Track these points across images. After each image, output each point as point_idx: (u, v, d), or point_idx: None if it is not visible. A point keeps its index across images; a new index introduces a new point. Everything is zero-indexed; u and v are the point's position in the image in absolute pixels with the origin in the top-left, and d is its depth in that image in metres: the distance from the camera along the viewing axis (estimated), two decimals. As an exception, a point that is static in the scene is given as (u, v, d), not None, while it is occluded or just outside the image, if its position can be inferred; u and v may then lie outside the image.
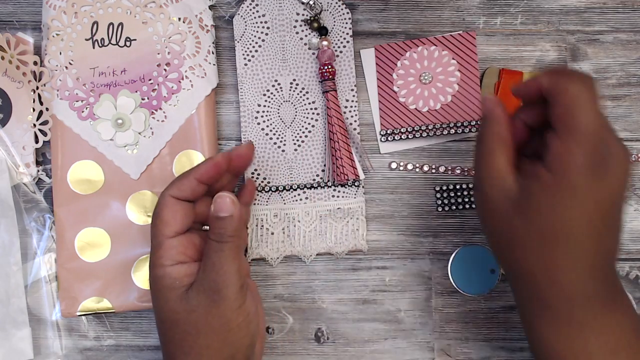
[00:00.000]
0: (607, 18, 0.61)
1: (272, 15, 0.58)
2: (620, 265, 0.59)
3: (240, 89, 0.58)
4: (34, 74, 0.57)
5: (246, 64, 0.58)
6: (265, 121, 0.58)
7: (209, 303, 0.46)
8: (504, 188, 0.43)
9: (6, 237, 0.57)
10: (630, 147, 0.60)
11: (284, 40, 0.58)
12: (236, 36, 0.58)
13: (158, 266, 0.48)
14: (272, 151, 0.58)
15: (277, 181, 0.58)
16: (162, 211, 0.48)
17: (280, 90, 0.58)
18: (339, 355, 0.59)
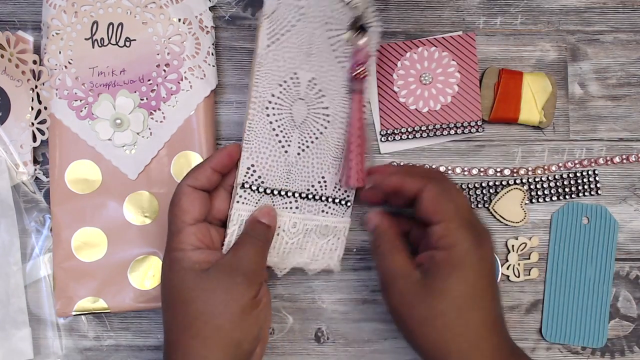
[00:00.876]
0: (607, 18, 0.61)
1: (309, 2, 0.53)
2: (620, 266, 0.59)
3: (257, 71, 0.52)
4: (33, 72, 0.57)
5: (269, 46, 0.52)
6: (275, 114, 0.53)
7: (229, 285, 0.48)
8: (410, 278, 0.49)
9: (6, 237, 0.57)
10: (630, 147, 0.60)
11: (313, 34, 0.53)
12: (265, 11, 0.52)
13: (177, 250, 0.49)
14: (274, 149, 0.53)
15: (272, 183, 0.53)
16: (181, 200, 0.50)
17: (298, 85, 0.54)
18: (339, 355, 0.59)
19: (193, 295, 0.47)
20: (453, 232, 0.48)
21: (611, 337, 0.59)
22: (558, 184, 0.60)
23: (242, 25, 0.60)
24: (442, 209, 0.49)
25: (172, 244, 0.49)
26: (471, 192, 0.59)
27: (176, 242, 0.49)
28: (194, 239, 0.49)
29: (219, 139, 0.60)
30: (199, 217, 0.50)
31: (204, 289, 0.47)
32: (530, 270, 0.59)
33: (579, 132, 0.60)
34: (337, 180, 0.56)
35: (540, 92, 0.59)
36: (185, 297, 0.48)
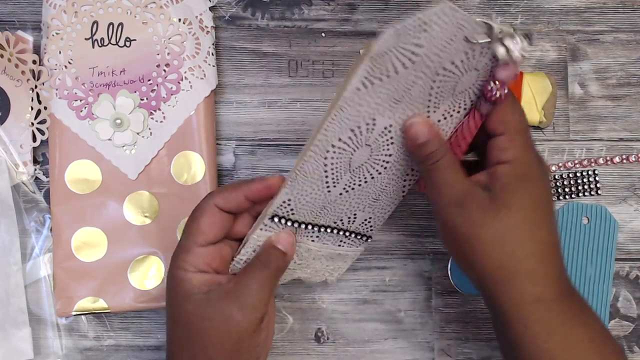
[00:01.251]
0: (607, 18, 0.61)
1: (429, 50, 0.42)
2: (620, 266, 0.59)
3: (335, 114, 0.43)
4: (32, 72, 0.57)
5: (359, 89, 0.42)
6: (333, 158, 0.46)
7: (227, 317, 0.45)
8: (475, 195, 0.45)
9: (6, 237, 0.57)
10: (630, 147, 0.60)
11: (415, 83, 0.43)
12: (373, 52, 0.40)
13: (180, 268, 0.47)
14: (318, 189, 0.47)
15: (302, 217, 0.49)
16: (201, 217, 0.47)
17: (371, 131, 0.45)
18: (339, 355, 0.59)
19: (191, 320, 0.46)
20: (519, 144, 0.45)
21: (611, 337, 0.59)
22: (558, 184, 0.60)
23: (242, 25, 0.60)
24: (508, 120, 0.45)
25: (177, 259, 0.47)
26: (471, 192, 0.59)
27: (181, 259, 0.47)
28: (201, 262, 0.47)
29: (219, 139, 0.60)
30: (213, 240, 0.47)
31: (202, 316, 0.46)
32: (530, 270, 0.59)
33: (579, 132, 0.60)
34: (367, 217, 0.52)
35: (540, 92, 0.59)
36: (184, 320, 0.46)
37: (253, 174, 0.60)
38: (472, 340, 0.59)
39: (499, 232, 0.44)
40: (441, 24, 0.41)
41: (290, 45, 0.60)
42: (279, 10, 0.60)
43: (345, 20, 0.60)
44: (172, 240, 0.57)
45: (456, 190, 0.45)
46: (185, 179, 0.57)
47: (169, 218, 0.57)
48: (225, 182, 0.60)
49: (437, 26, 0.41)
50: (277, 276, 0.48)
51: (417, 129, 0.45)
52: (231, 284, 0.46)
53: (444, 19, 0.41)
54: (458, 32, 0.42)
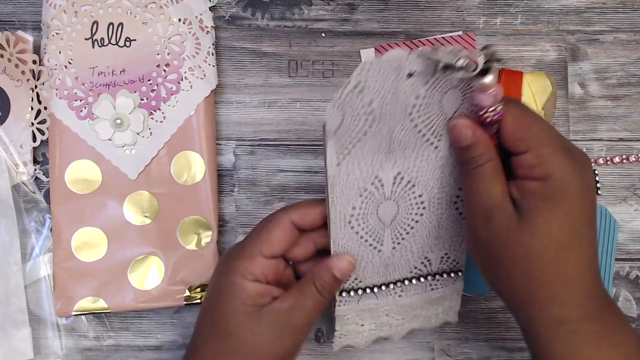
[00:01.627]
0: (607, 18, 0.61)
1: (382, 101, 0.42)
2: (620, 266, 0.59)
3: (331, 192, 0.45)
4: (32, 72, 0.57)
5: (339, 164, 0.44)
6: (360, 224, 0.47)
7: (277, 337, 0.45)
8: (505, 211, 0.42)
9: (6, 237, 0.57)
10: (630, 147, 0.60)
11: (393, 130, 0.44)
12: (329, 131, 0.42)
13: (238, 274, 0.46)
14: (366, 253, 0.49)
15: (371, 281, 0.50)
16: (275, 230, 0.47)
17: (381, 187, 0.47)
18: (339, 355, 0.59)
19: (237, 331, 0.46)
20: (547, 159, 0.41)
21: (611, 337, 0.59)
22: (558, 184, 0.59)
23: (242, 25, 0.60)
24: (529, 134, 0.42)
25: (237, 265, 0.47)
26: (471, 192, 0.59)
27: (241, 265, 0.46)
28: (259, 272, 0.46)
29: (219, 139, 0.60)
30: (277, 255, 0.47)
31: (251, 329, 0.45)
32: (530, 270, 0.59)
33: (579, 132, 0.60)
34: (442, 255, 0.51)
35: (540, 92, 0.59)
36: (230, 329, 0.46)
37: (253, 174, 0.60)
38: (472, 340, 0.59)
39: (519, 255, 0.42)
40: (375, 75, 0.41)
41: (290, 45, 0.60)
42: (279, 10, 0.60)
43: (345, 20, 0.60)
44: (172, 240, 0.57)
45: (487, 202, 0.42)
46: (185, 179, 0.57)
47: (169, 218, 0.57)
48: (226, 182, 0.60)
49: (372, 79, 0.41)
50: (328, 301, 0.48)
51: (459, 131, 0.43)
52: (285, 305, 0.46)
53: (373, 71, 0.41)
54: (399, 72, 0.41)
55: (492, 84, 0.41)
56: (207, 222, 0.57)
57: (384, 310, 0.52)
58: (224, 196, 0.60)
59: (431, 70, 0.42)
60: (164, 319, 0.59)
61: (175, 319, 0.59)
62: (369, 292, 0.51)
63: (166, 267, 0.57)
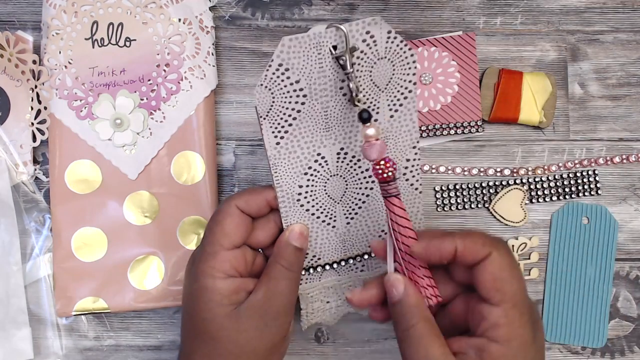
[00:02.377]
0: (607, 18, 0.61)
1: (310, 79, 0.43)
2: (620, 266, 0.59)
3: (274, 172, 0.46)
4: (32, 72, 0.57)
5: (278, 143, 0.45)
6: (309, 202, 0.48)
7: (262, 327, 0.45)
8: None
9: (6, 237, 0.57)
10: (630, 147, 0.60)
11: (327, 107, 0.44)
12: (260, 112, 0.44)
13: (208, 276, 0.46)
14: (320, 229, 0.49)
15: (330, 257, 0.51)
16: (225, 220, 0.46)
17: (326, 164, 0.47)
18: (339, 355, 0.59)
19: (221, 334, 0.45)
20: (514, 321, 0.40)
21: (611, 337, 0.59)
22: (558, 184, 0.60)
23: (242, 25, 0.60)
24: (506, 288, 0.40)
25: (204, 267, 0.46)
26: (471, 192, 0.59)
27: (208, 266, 0.46)
28: (228, 266, 0.46)
29: (219, 139, 0.60)
30: (237, 243, 0.47)
31: (234, 329, 0.45)
32: (530, 270, 0.59)
33: (579, 132, 0.60)
34: None
35: (540, 92, 0.59)
36: (213, 333, 0.46)
37: (253, 174, 0.60)
38: (472, 340, 0.59)
39: None
40: (297, 54, 0.42)
41: (290, 45, 0.60)
42: (279, 10, 0.60)
43: (345, 20, 0.60)
44: (172, 240, 0.57)
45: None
46: (185, 179, 0.57)
47: (169, 218, 0.57)
48: (226, 182, 0.60)
49: (293, 58, 0.42)
50: (299, 277, 0.48)
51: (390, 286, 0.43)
52: (260, 294, 0.46)
53: (294, 49, 0.41)
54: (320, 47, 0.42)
55: (374, 135, 0.42)
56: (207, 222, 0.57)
57: (347, 286, 0.52)
58: (224, 196, 0.60)
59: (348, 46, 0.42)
60: (164, 319, 0.59)
61: (175, 319, 0.59)
62: (329, 268, 0.51)
63: (166, 267, 0.57)
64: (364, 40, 0.42)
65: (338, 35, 0.42)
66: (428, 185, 0.60)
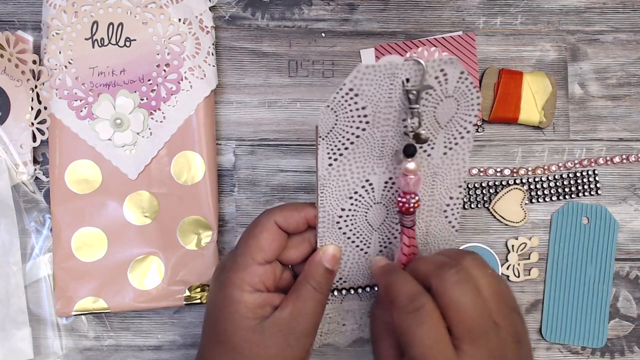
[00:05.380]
0: (607, 18, 0.61)
1: (376, 107, 0.43)
2: (620, 266, 0.59)
3: (321, 192, 0.46)
4: (32, 72, 0.57)
5: (331, 165, 0.45)
6: (348, 225, 0.48)
7: (285, 345, 0.45)
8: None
9: (6, 237, 0.57)
10: (630, 147, 0.60)
11: (385, 136, 0.45)
12: (321, 132, 0.44)
13: (236, 287, 0.45)
14: (352, 253, 0.49)
15: (356, 282, 0.51)
16: (262, 234, 0.46)
17: (372, 191, 0.47)
18: (339, 355, 0.59)
19: (243, 346, 0.45)
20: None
21: (611, 337, 0.59)
22: (558, 184, 0.60)
23: (242, 25, 0.60)
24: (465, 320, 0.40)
25: (233, 277, 0.46)
26: (471, 192, 0.59)
27: (238, 278, 0.45)
28: (257, 281, 0.46)
29: (219, 139, 0.60)
30: (270, 259, 0.46)
31: (256, 343, 0.45)
32: (530, 270, 0.59)
33: (579, 132, 0.60)
34: None
35: (540, 92, 0.59)
36: (235, 344, 0.45)
37: (253, 174, 0.60)
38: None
39: None
40: (370, 80, 0.42)
41: (290, 45, 0.60)
42: (279, 10, 0.60)
43: (345, 20, 0.60)
44: (172, 240, 0.57)
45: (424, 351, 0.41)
46: (185, 179, 0.57)
47: (169, 218, 0.57)
48: (226, 182, 0.60)
49: (365, 85, 0.42)
50: (326, 298, 0.47)
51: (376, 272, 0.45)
52: (286, 313, 0.45)
53: (368, 76, 0.42)
54: (394, 78, 0.42)
55: (413, 171, 0.44)
56: (207, 222, 0.57)
57: (366, 312, 0.52)
58: (224, 196, 0.60)
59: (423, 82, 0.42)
60: (164, 319, 0.59)
61: (175, 319, 0.59)
62: (353, 292, 0.51)
63: (166, 267, 0.57)
64: (436, 77, 0.42)
65: (414, 69, 0.42)
66: (428, 185, 0.60)
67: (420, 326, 0.40)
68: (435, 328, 0.40)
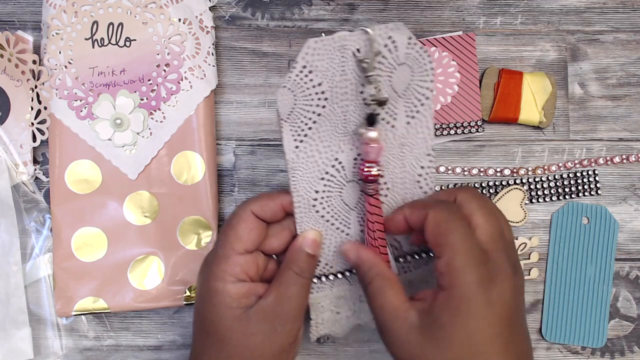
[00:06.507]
0: (607, 18, 0.61)
1: (332, 82, 0.43)
2: (620, 266, 0.59)
3: (292, 176, 0.46)
4: (32, 72, 0.57)
5: (297, 147, 0.45)
6: (325, 208, 0.48)
7: (272, 331, 0.45)
8: (406, 321, 0.43)
9: (6, 237, 0.57)
10: (630, 147, 0.60)
11: (346, 111, 0.45)
12: (282, 114, 0.44)
13: (218, 279, 0.46)
14: (334, 236, 0.49)
15: (342, 265, 0.50)
16: (239, 224, 0.47)
17: (342, 170, 0.47)
18: (339, 355, 0.59)
19: (230, 336, 0.45)
20: (455, 268, 0.41)
21: (611, 337, 0.59)
22: (558, 184, 0.60)
23: (242, 25, 0.60)
24: (447, 241, 0.42)
25: (215, 269, 0.46)
26: (471, 192, 0.59)
27: (220, 269, 0.46)
28: (239, 270, 0.46)
29: (219, 139, 0.60)
30: (250, 248, 0.47)
31: (242, 332, 0.45)
32: (530, 270, 0.59)
33: (579, 132, 0.60)
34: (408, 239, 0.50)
35: (540, 92, 0.59)
36: (222, 335, 0.46)
37: (253, 174, 0.60)
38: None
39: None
40: (321, 56, 0.42)
41: (290, 45, 0.61)
42: (279, 10, 0.60)
43: (345, 20, 0.60)
44: (172, 240, 0.57)
45: (384, 317, 0.44)
46: (185, 179, 0.57)
47: (169, 218, 0.57)
48: (226, 182, 0.60)
49: (317, 60, 0.42)
50: (310, 283, 0.48)
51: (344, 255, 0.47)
52: (270, 299, 0.46)
53: (319, 51, 0.42)
54: (344, 50, 0.42)
55: (375, 139, 0.44)
56: (207, 222, 0.57)
57: (358, 296, 0.52)
58: (224, 196, 0.60)
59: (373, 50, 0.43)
60: (164, 319, 0.59)
61: (175, 319, 0.59)
62: (341, 277, 0.50)
63: (166, 267, 0.57)
64: (385, 45, 0.43)
65: (362, 39, 0.42)
66: (428, 185, 0.60)
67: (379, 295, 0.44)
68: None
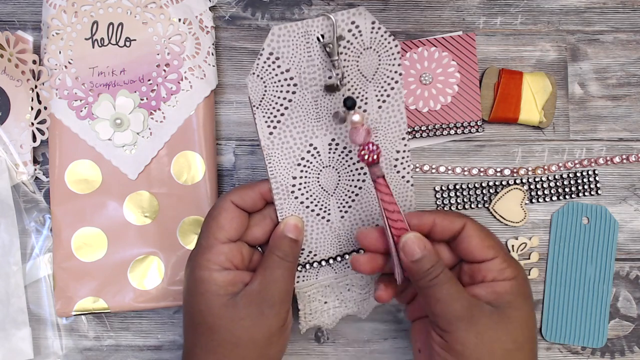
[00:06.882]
0: (607, 18, 0.61)
1: (299, 68, 0.44)
2: (620, 266, 0.59)
3: (268, 163, 0.47)
4: (32, 72, 0.57)
5: (271, 133, 0.46)
6: (304, 194, 0.49)
7: (259, 315, 0.46)
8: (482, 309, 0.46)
9: (6, 237, 0.57)
10: (630, 147, 0.60)
11: (316, 96, 0.46)
12: (253, 101, 0.45)
13: (204, 268, 0.47)
14: (315, 223, 0.50)
15: (325, 253, 0.51)
16: (220, 215, 0.48)
17: (318, 155, 0.48)
18: (339, 355, 0.59)
19: (218, 323, 0.46)
20: (512, 262, 0.47)
21: (611, 337, 0.59)
22: (558, 184, 0.60)
23: (242, 25, 0.60)
24: (492, 244, 0.47)
25: (200, 260, 0.47)
26: (471, 192, 0.59)
27: (204, 258, 0.47)
28: (223, 259, 0.47)
29: (219, 139, 0.60)
30: (233, 237, 0.48)
31: (231, 318, 0.46)
32: (530, 270, 0.59)
33: (579, 132, 0.60)
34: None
35: (540, 92, 0.59)
36: (210, 323, 0.46)
37: (253, 174, 0.60)
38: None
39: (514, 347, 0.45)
40: (286, 42, 0.43)
41: (290, 45, 0.60)
42: (279, 10, 0.60)
43: (345, 20, 0.60)
44: (172, 240, 0.57)
45: (463, 305, 0.45)
46: (185, 179, 0.57)
47: (169, 218, 0.57)
48: (226, 182, 0.60)
49: (283, 47, 0.43)
50: (295, 268, 0.48)
51: (411, 246, 0.45)
52: (256, 283, 0.47)
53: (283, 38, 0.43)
54: (308, 36, 0.43)
55: (360, 121, 0.44)
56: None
57: (344, 285, 0.52)
58: (224, 196, 0.60)
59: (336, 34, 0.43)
60: (164, 319, 0.59)
61: (175, 319, 0.59)
62: (325, 264, 0.51)
63: (166, 267, 0.57)
64: (349, 30, 0.44)
65: (325, 24, 0.43)
66: (428, 185, 0.60)
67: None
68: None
